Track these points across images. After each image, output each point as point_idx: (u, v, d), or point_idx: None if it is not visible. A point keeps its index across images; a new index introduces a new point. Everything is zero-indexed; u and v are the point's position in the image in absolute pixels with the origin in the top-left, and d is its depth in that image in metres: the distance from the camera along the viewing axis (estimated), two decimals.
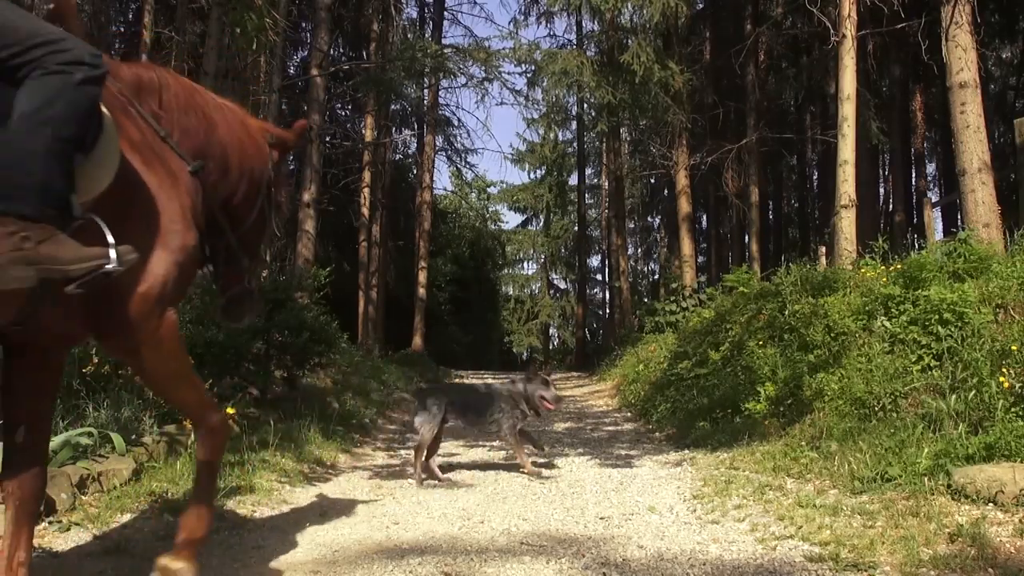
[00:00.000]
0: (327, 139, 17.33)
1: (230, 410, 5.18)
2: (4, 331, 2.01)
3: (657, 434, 7.22)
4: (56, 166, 1.81)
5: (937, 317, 5.14)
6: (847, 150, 10.00)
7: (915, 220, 18.54)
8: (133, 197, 2.09)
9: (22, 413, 2.16)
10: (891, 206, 20.20)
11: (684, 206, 18.06)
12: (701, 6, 20.47)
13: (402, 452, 6.33)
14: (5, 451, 2.17)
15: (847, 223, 9.76)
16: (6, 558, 2.07)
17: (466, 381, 5.19)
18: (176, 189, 2.24)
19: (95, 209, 1.92)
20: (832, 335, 5.95)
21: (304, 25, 17.04)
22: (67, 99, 1.84)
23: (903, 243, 12.45)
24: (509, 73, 31.58)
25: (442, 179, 59.28)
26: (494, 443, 6.66)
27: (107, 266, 1.87)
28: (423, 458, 4.91)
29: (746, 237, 20.36)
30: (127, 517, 3.38)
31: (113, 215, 1.94)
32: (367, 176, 18.50)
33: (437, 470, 4.99)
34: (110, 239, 1.91)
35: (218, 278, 2.74)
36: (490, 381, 5.75)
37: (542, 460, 5.45)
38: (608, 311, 34.56)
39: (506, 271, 38.40)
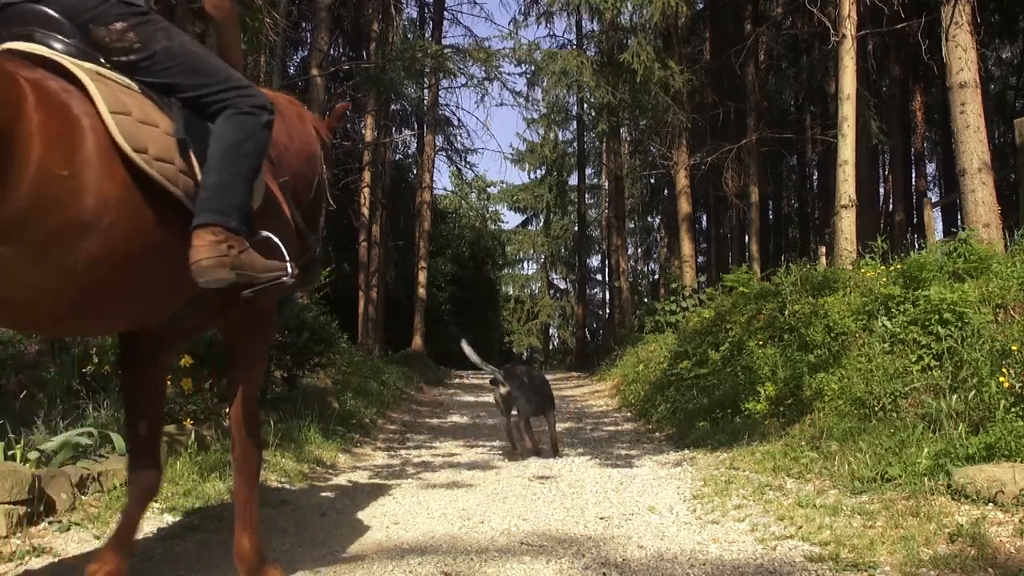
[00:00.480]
0: None
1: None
2: (147, 327, 2.35)
3: (657, 434, 7.22)
4: (248, 190, 2.21)
5: (937, 317, 5.14)
6: (847, 150, 10.00)
7: (915, 220, 18.54)
8: (267, 211, 2.44)
9: (143, 408, 2.44)
10: (891, 206, 20.20)
11: (684, 206, 18.05)
12: (701, 6, 20.46)
13: (402, 452, 6.33)
14: (131, 446, 2.48)
15: (847, 223, 9.75)
16: (117, 536, 2.38)
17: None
18: (283, 198, 2.65)
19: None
20: (832, 335, 5.95)
21: (304, 25, 17.02)
22: (257, 138, 2.24)
23: (903, 243, 12.45)
24: (509, 73, 31.57)
25: (442, 179, 59.31)
26: (495, 443, 6.66)
27: (284, 278, 2.28)
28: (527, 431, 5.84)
29: (746, 237, 20.36)
30: None
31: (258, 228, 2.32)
32: (367, 176, 18.49)
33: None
34: (287, 255, 2.31)
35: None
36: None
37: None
38: (608, 311, 34.57)
39: (506, 271, 38.40)
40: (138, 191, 1.96)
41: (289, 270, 2.28)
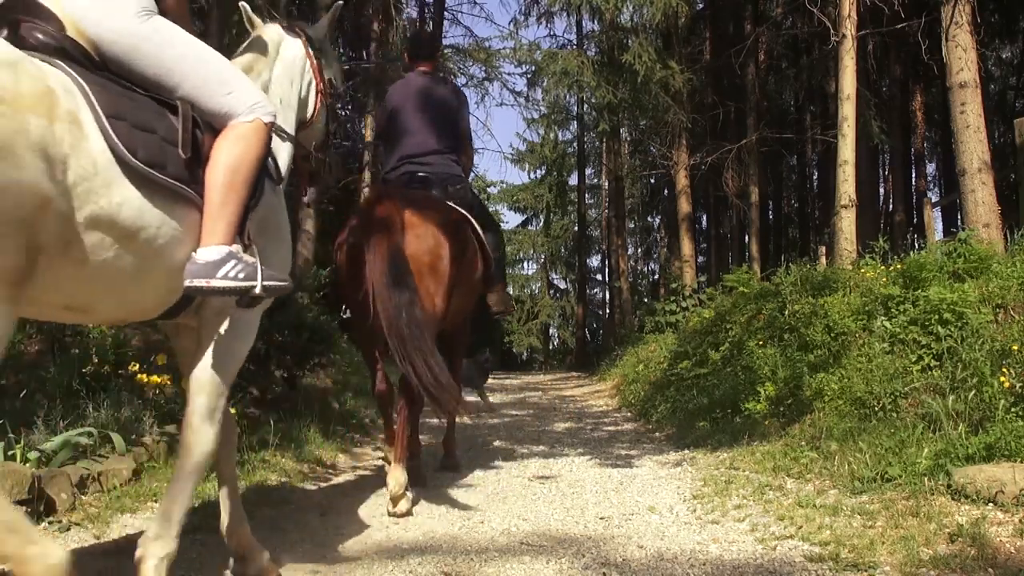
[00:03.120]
0: None
1: (231, 410, 5.16)
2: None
3: (657, 434, 7.21)
4: (505, 270, 4.85)
5: (937, 317, 5.14)
6: (847, 150, 10.00)
7: (915, 220, 18.55)
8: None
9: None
10: (891, 206, 20.21)
11: (684, 206, 18.05)
12: (701, 6, 20.46)
13: None
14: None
15: (847, 223, 9.75)
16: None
17: None
18: None
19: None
20: (832, 335, 5.95)
21: None
22: (504, 244, 4.79)
23: (903, 243, 12.47)
24: (509, 73, 31.49)
25: None
26: (495, 443, 6.66)
27: (508, 315, 4.94)
28: None
29: (746, 237, 20.36)
30: (127, 517, 3.38)
31: None
32: (367, 176, 18.47)
33: None
34: (512, 302, 4.71)
35: None
36: None
37: None
38: (608, 311, 34.56)
39: (506, 271, 38.33)
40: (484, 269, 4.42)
41: (513, 310, 4.50)
